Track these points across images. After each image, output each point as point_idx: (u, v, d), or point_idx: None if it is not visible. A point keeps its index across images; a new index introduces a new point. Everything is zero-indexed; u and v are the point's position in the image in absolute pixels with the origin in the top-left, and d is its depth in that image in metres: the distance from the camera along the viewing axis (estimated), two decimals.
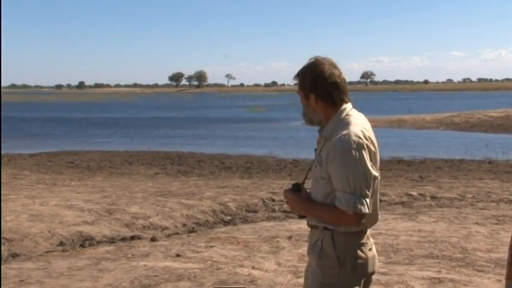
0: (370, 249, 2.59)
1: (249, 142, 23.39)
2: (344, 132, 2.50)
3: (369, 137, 2.53)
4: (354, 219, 2.47)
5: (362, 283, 2.58)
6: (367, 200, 2.47)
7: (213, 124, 35.15)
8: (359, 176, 2.45)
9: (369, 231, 2.61)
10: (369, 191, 2.47)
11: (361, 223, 2.50)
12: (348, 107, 2.61)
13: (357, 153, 2.46)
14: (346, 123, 2.55)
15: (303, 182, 2.72)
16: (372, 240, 2.63)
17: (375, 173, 2.51)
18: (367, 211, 2.46)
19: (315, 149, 2.70)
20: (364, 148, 2.48)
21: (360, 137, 2.49)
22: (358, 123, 2.55)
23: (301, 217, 2.70)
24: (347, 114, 2.59)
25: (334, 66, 2.61)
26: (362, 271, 2.56)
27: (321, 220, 2.57)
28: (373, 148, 2.53)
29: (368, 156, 2.49)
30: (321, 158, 2.57)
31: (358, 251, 2.54)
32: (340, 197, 2.46)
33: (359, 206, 2.44)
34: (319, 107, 2.61)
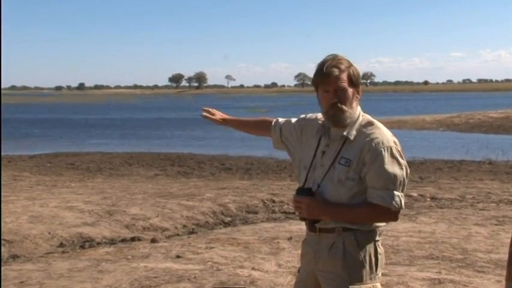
0: (382, 244, 2.65)
1: (249, 143, 23.35)
2: (379, 131, 2.55)
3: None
4: (395, 215, 2.55)
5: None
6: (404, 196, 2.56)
7: (213, 125, 34.95)
8: (403, 174, 2.52)
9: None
10: (405, 188, 2.56)
11: (398, 218, 2.58)
12: None
13: (399, 153, 2.54)
14: (371, 123, 2.59)
15: (304, 185, 2.66)
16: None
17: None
18: (404, 207, 2.57)
19: (323, 152, 2.63)
20: (401, 147, 2.57)
21: (394, 136, 2.57)
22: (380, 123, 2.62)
23: (314, 222, 2.59)
24: (363, 114, 2.63)
25: None
26: (381, 265, 2.63)
27: (350, 221, 2.55)
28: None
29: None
30: (346, 159, 2.54)
31: (377, 247, 2.60)
32: (383, 195, 2.49)
33: (402, 203, 2.53)
34: (356, 104, 2.61)
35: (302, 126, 2.79)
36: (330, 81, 2.54)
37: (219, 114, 3.15)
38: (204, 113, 3.14)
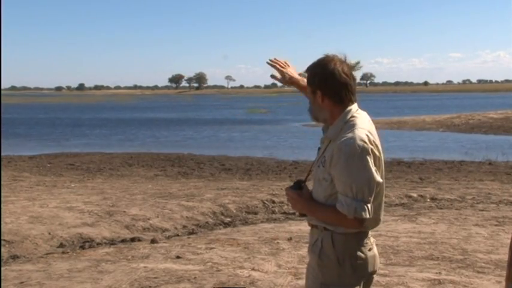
0: (370, 249, 2.57)
1: (249, 144, 23.39)
2: (349, 135, 2.46)
3: (373, 141, 2.50)
4: (354, 223, 2.48)
5: (362, 283, 2.58)
6: (369, 206, 2.45)
7: (212, 126, 35.14)
8: (362, 182, 2.42)
9: (370, 232, 2.60)
10: (371, 197, 2.45)
11: (361, 227, 2.50)
12: (353, 107, 2.57)
13: (361, 159, 2.43)
14: (351, 126, 2.51)
15: (305, 180, 2.69)
16: (372, 239, 2.62)
17: (379, 178, 2.48)
18: (367, 216, 2.45)
19: (318, 148, 2.67)
20: (369, 153, 2.45)
21: (364, 142, 2.45)
22: (364, 127, 2.52)
23: (302, 215, 2.68)
24: (353, 116, 2.55)
25: (345, 64, 2.57)
26: (362, 271, 2.55)
27: (321, 221, 2.56)
28: (377, 153, 2.50)
29: (372, 161, 2.46)
30: (324, 159, 2.54)
31: (358, 252, 2.54)
32: (342, 200, 2.45)
33: (359, 211, 2.43)
34: (325, 104, 2.57)
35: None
36: None
37: (289, 71, 3.03)
38: (274, 64, 3.02)
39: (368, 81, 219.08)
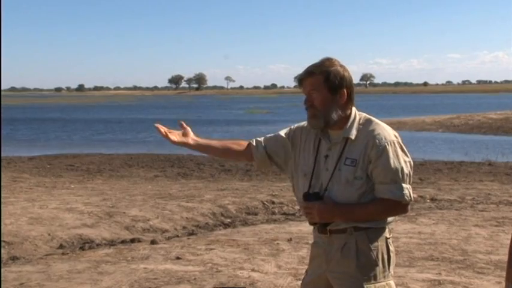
0: (393, 241, 2.69)
1: None
2: (379, 127, 2.59)
3: None
4: (405, 208, 2.59)
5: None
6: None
7: (213, 126, 35.13)
8: (407, 167, 2.56)
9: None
10: (411, 180, 2.60)
11: (408, 210, 2.62)
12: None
13: (400, 145, 2.57)
14: (370, 121, 2.63)
15: (309, 187, 2.65)
16: None
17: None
18: (413, 199, 2.60)
19: (326, 156, 2.64)
20: (402, 139, 2.60)
21: (394, 131, 2.62)
22: (379, 120, 2.66)
23: (324, 226, 2.61)
24: (359, 113, 2.66)
25: None
26: (394, 262, 2.66)
27: (363, 219, 2.56)
28: None
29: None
30: (351, 159, 2.56)
31: (389, 245, 2.64)
32: (391, 188, 2.52)
33: (412, 194, 2.57)
34: (346, 104, 2.62)
35: (292, 136, 2.79)
36: (304, 86, 2.64)
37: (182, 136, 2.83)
38: (162, 129, 2.77)
39: (367, 82, 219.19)
